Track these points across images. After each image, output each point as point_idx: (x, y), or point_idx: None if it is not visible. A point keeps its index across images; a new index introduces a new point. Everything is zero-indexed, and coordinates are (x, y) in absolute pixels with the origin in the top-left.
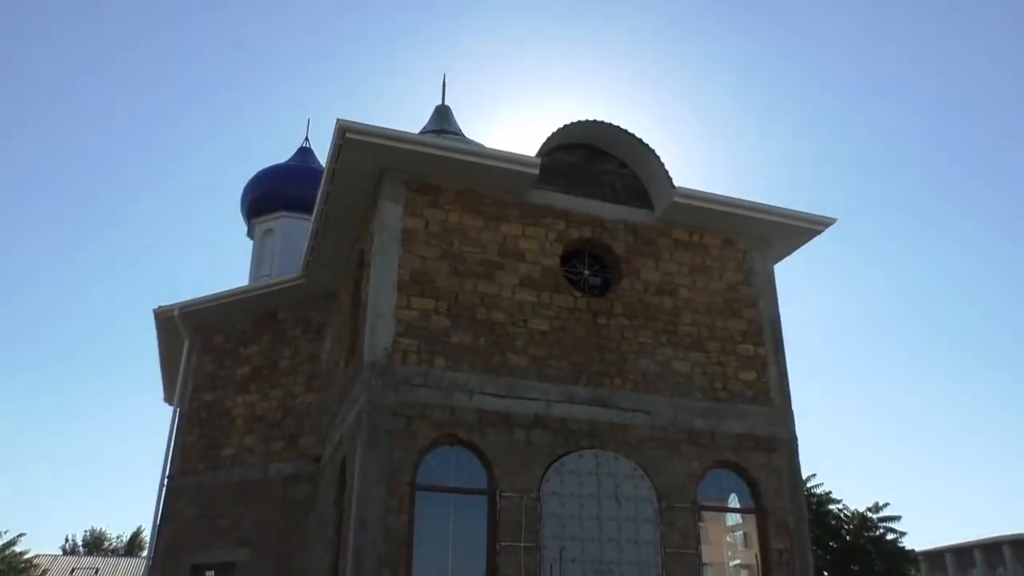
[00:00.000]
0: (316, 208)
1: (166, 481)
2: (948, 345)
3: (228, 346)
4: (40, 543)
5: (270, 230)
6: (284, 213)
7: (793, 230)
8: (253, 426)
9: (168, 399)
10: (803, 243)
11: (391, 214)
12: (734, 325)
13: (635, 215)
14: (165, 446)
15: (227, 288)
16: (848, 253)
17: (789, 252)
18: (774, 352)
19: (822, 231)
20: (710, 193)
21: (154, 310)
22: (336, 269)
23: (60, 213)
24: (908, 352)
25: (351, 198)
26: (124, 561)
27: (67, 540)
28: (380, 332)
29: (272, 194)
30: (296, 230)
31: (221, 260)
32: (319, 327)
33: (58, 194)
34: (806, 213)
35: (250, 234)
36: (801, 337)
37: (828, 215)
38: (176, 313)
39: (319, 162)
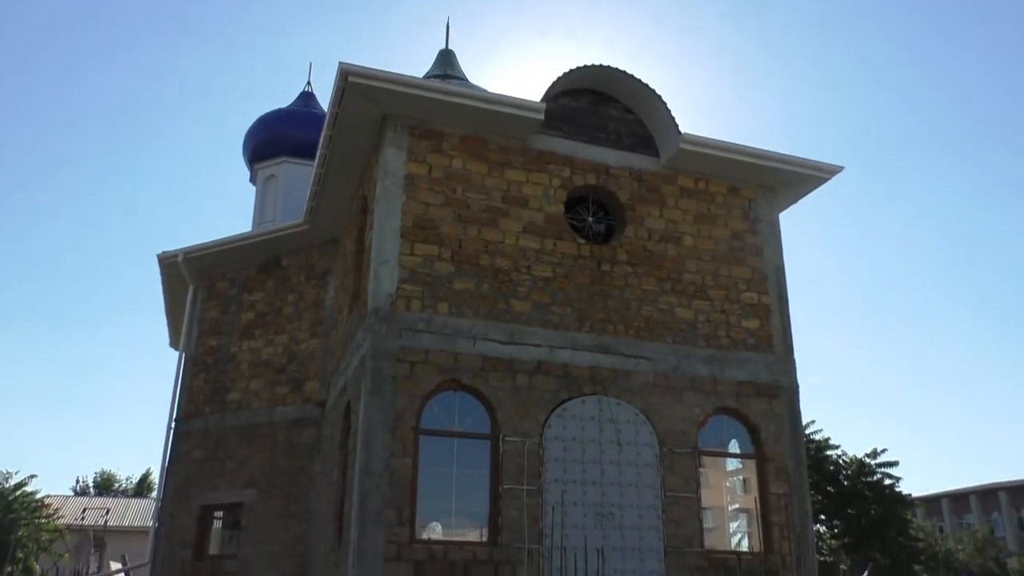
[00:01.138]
0: (318, 153)
1: (173, 424)
2: (949, 294)
3: (232, 292)
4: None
5: (272, 176)
6: (286, 159)
7: (799, 178)
8: (258, 371)
9: (174, 344)
10: (809, 191)
11: (394, 160)
12: (738, 273)
13: (640, 162)
14: (172, 390)
15: (230, 234)
16: (853, 201)
17: (795, 200)
18: (777, 300)
19: (828, 179)
20: (716, 140)
21: (158, 255)
22: (339, 215)
23: (62, 159)
24: (909, 301)
25: (354, 143)
26: (134, 502)
27: (78, 482)
28: (383, 278)
29: (274, 139)
30: (299, 176)
31: (225, 206)
32: (323, 273)
33: (59, 139)
34: (812, 161)
35: (252, 180)
36: (804, 285)
37: (835, 163)
38: (180, 259)
39: (321, 107)
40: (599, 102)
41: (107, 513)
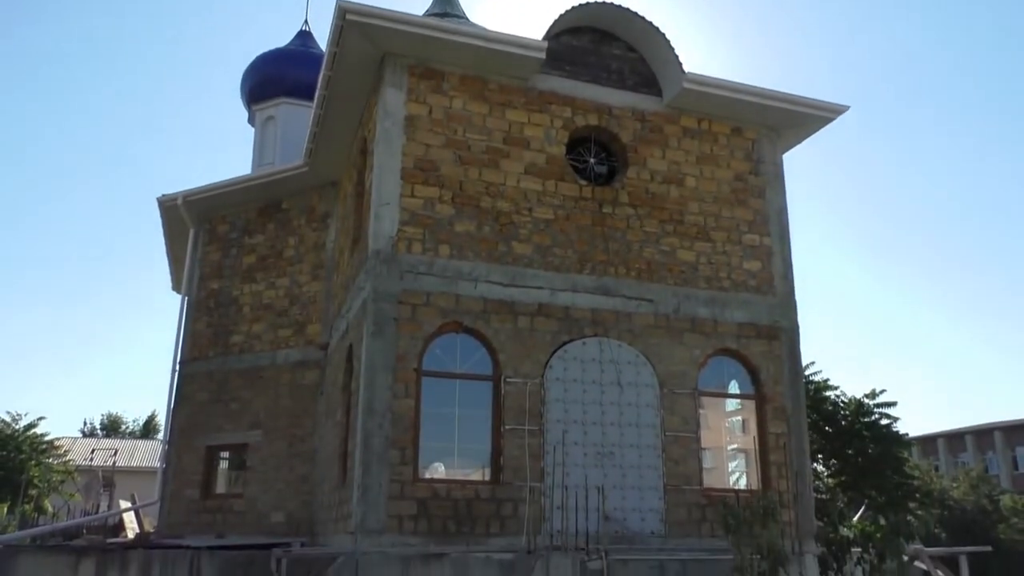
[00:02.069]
0: (317, 94)
1: (178, 367)
2: (950, 238)
3: (233, 235)
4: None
5: (271, 117)
6: (285, 99)
7: (804, 118)
8: (260, 314)
9: (176, 288)
10: (814, 132)
11: (394, 100)
12: (740, 215)
13: (643, 102)
14: (176, 333)
15: (230, 177)
16: (857, 142)
17: (799, 141)
18: (779, 242)
19: (833, 119)
20: (720, 79)
21: (158, 199)
22: (339, 157)
23: (59, 102)
24: (910, 243)
25: (353, 83)
26: (141, 443)
27: (85, 424)
28: (384, 220)
29: (272, 80)
30: (298, 117)
31: (225, 149)
32: (323, 216)
33: (54, 81)
34: (817, 100)
35: (251, 121)
36: (806, 225)
37: (840, 103)
38: (180, 202)
39: (320, 46)
40: (601, 41)
41: (115, 454)
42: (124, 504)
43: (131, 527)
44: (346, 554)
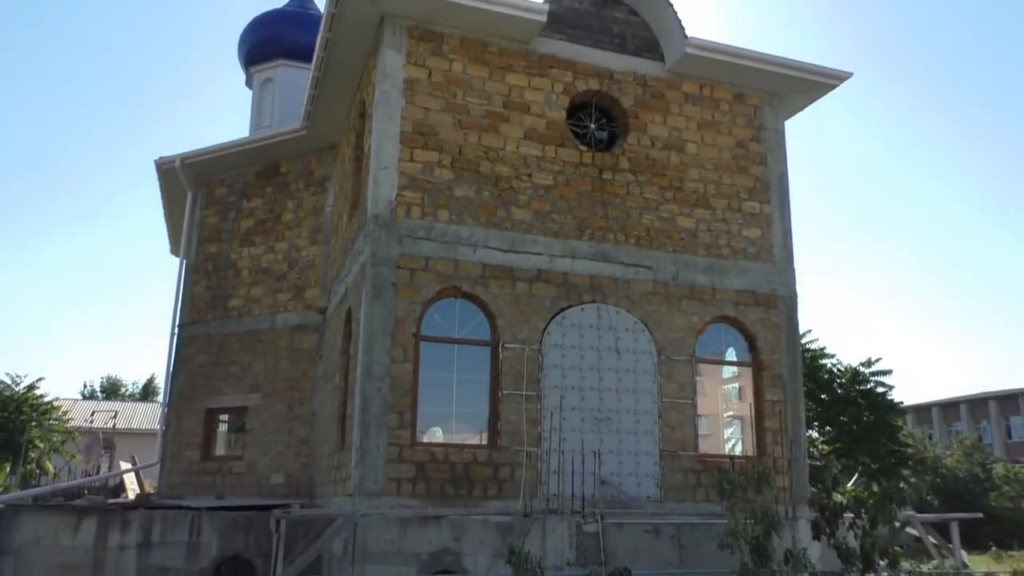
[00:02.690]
0: (315, 56)
1: (177, 330)
2: (951, 206)
3: (231, 198)
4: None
5: (269, 79)
6: (283, 61)
7: (807, 84)
8: (259, 278)
9: (174, 251)
10: (817, 98)
11: (393, 63)
12: (741, 182)
13: (645, 67)
14: (174, 296)
15: (228, 139)
16: (861, 110)
17: (802, 108)
18: (779, 210)
19: (837, 86)
20: (723, 44)
21: (155, 161)
22: (338, 120)
23: (54, 64)
24: (911, 211)
25: (352, 45)
26: (141, 406)
27: (85, 386)
28: (383, 185)
29: (270, 41)
30: (296, 79)
31: (223, 112)
32: (322, 180)
33: (50, 44)
34: (821, 67)
35: (249, 83)
36: (807, 193)
37: (844, 69)
38: (178, 164)
39: (318, 7)
40: (603, 4)
41: (115, 416)
42: (125, 465)
43: (132, 488)
44: (345, 516)
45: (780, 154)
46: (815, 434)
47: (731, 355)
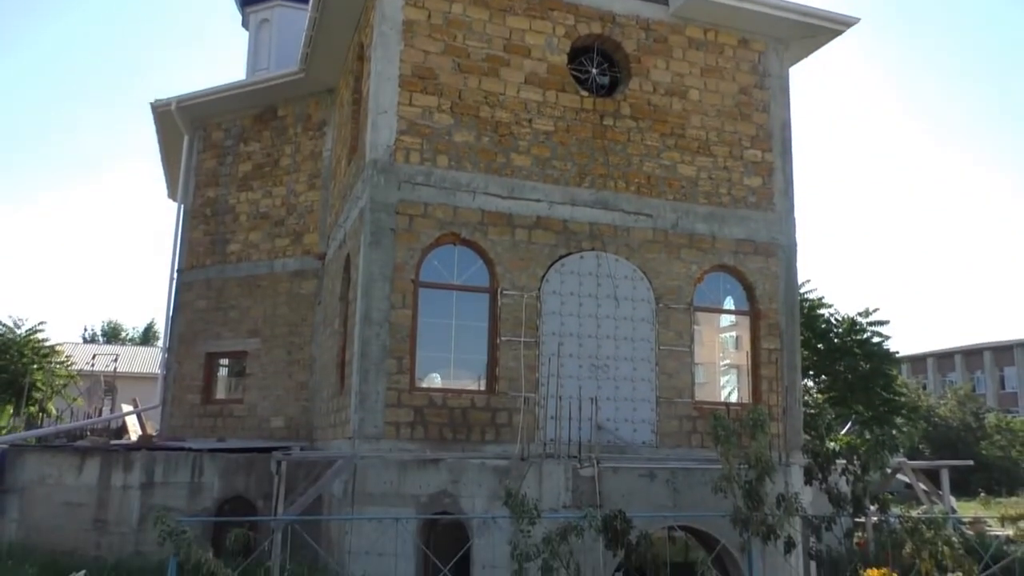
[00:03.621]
0: None
1: (176, 275)
2: (953, 157)
3: (228, 142)
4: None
5: (266, 20)
6: (280, 1)
7: (813, 30)
8: (257, 223)
9: (172, 195)
10: (822, 45)
11: (391, 4)
12: (743, 129)
13: (648, 10)
14: (173, 241)
15: (225, 82)
16: (864, 57)
17: (806, 54)
18: (781, 158)
19: (843, 31)
20: None
21: (151, 104)
22: (336, 63)
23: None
24: (913, 162)
25: None
26: (142, 350)
27: (86, 330)
28: (382, 129)
29: None
30: (294, 20)
31: (219, 54)
32: (320, 124)
33: None
34: (828, 11)
35: (245, 24)
36: (809, 141)
37: (851, 15)
38: (174, 107)
39: None
40: None
41: (116, 360)
42: (126, 408)
43: (134, 430)
44: (345, 458)
45: (783, 101)
46: (810, 383)
47: (729, 304)
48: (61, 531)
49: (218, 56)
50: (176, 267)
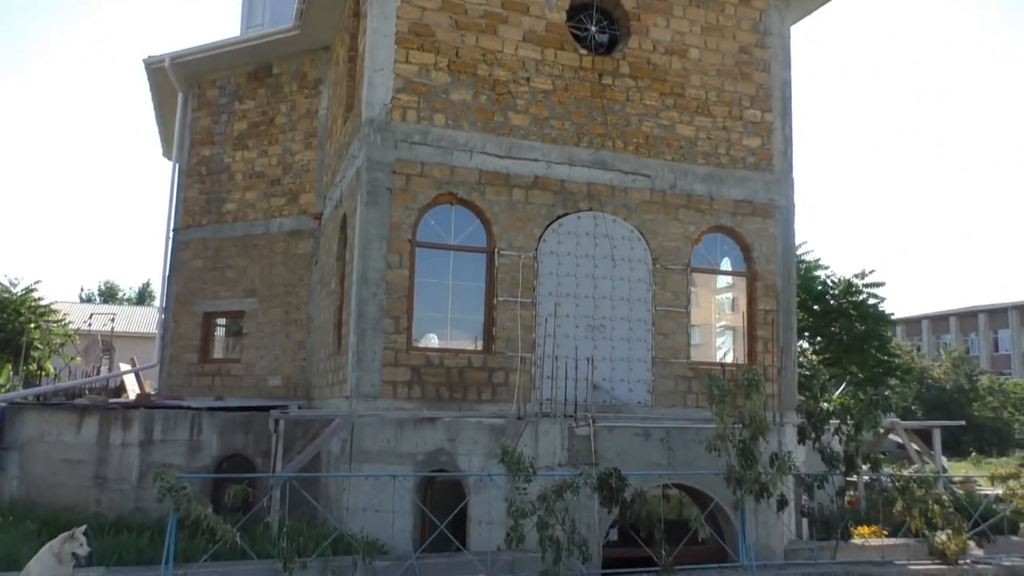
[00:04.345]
0: None
1: (172, 234)
2: (952, 116)
3: (223, 100)
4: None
5: None
6: None
7: None
8: (253, 182)
9: (167, 154)
10: (824, 2)
11: None
12: (743, 89)
13: None
14: (168, 200)
15: (219, 39)
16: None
17: (808, 12)
18: (781, 118)
19: None
20: None
21: (144, 60)
22: (331, 19)
23: None
24: (911, 125)
25: None
26: (139, 310)
27: (82, 290)
28: (378, 87)
29: None
30: None
31: (214, 10)
32: (316, 82)
33: None
34: None
35: None
36: (809, 101)
37: None
38: (167, 64)
39: None
40: None
41: (113, 319)
42: (124, 367)
43: (132, 389)
44: (342, 416)
45: (784, 60)
46: (805, 344)
47: (726, 265)
48: (61, 487)
49: (213, 12)
50: (172, 226)
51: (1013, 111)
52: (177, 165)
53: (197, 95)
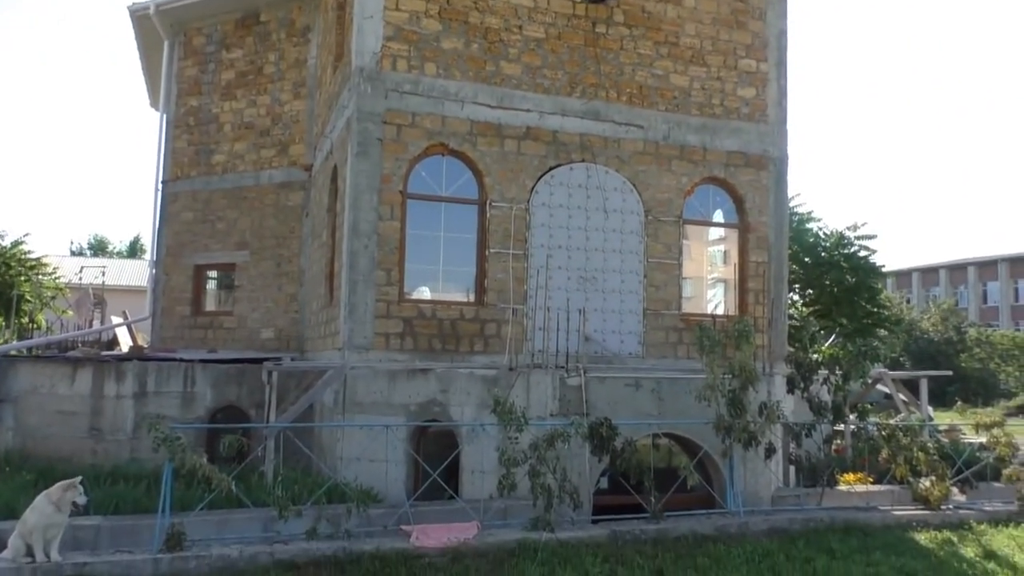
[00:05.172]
0: None
1: (161, 186)
2: (946, 70)
3: (210, 49)
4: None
5: None
6: None
7: None
8: (242, 133)
9: (154, 104)
10: None
11: None
12: (738, 38)
13: None
14: (156, 151)
15: None
16: None
17: None
18: (776, 68)
19: None
20: None
21: (129, 7)
22: None
23: None
24: (905, 78)
25: None
26: (129, 263)
27: (72, 243)
28: (367, 35)
29: None
30: None
31: None
32: (304, 30)
33: None
34: None
35: None
36: (805, 50)
37: None
38: (152, 11)
39: None
40: None
41: (104, 272)
42: (116, 320)
43: (124, 342)
44: (335, 368)
45: (781, 9)
46: (796, 296)
47: (718, 217)
48: (57, 439)
49: None
50: (161, 178)
51: (1008, 62)
52: (165, 116)
53: (183, 43)
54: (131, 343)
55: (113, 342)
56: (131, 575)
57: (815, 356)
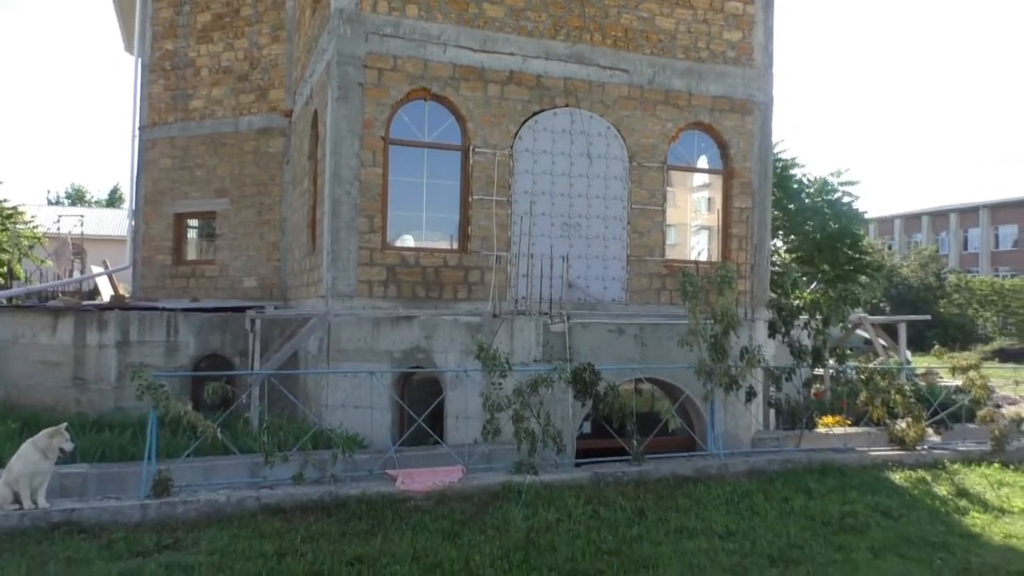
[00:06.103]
0: None
1: (138, 132)
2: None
3: None
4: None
5: None
6: None
7: None
8: (220, 78)
9: (128, 49)
10: None
11: None
12: None
13: None
14: (132, 97)
15: None
16: None
17: None
18: (763, 10)
19: None
20: None
21: None
22: None
23: None
24: (893, 23)
25: None
26: (108, 212)
27: (49, 192)
28: None
29: None
30: None
31: None
32: None
33: None
34: None
35: None
36: None
37: None
38: None
39: None
40: None
41: (82, 221)
42: (96, 270)
43: (106, 291)
44: (319, 316)
45: None
46: (779, 242)
47: (703, 163)
48: (40, 388)
49: None
50: (138, 125)
51: (990, 10)
52: (139, 60)
53: None
54: (112, 293)
55: (94, 292)
56: (119, 520)
57: (796, 302)
